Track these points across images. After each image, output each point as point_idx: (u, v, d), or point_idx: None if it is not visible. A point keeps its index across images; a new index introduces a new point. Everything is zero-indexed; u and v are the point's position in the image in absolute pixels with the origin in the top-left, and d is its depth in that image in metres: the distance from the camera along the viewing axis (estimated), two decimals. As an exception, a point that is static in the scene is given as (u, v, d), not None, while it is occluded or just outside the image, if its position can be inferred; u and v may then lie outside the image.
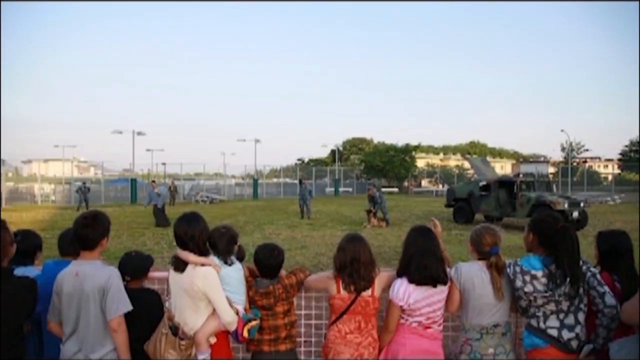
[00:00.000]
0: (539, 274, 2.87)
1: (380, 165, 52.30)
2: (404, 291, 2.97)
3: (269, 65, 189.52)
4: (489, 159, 42.40)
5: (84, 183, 29.32)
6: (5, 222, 2.82)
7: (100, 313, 2.75)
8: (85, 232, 2.81)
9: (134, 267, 3.17)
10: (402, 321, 3.03)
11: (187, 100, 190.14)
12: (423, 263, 2.94)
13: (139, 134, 37.03)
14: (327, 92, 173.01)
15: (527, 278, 2.88)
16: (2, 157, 30.50)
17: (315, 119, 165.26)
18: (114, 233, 13.44)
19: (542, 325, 2.89)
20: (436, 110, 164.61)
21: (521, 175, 19.37)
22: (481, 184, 19.16)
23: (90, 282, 2.73)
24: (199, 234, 3.00)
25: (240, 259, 3.33)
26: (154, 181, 20.25)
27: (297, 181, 47.11)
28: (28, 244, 3.38)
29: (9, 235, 2.78)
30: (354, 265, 3.03)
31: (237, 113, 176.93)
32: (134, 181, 34.84)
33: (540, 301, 2.86)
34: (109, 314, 2.72)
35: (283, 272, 3.30)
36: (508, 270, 2.97)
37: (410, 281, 2.96)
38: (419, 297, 2.95)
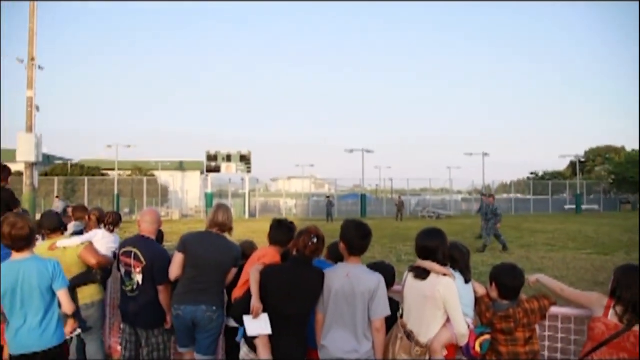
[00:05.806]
0: None
1: (634, 178, 44.47)
2: None
3: (496, 73, 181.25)
4: None
5: (328, 197, 32.52)
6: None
7: (365, 312, 3.04)
8: (362, 243, 3.19)
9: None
10: None
11: (412, 116, 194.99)
12: None
13: (368, 152, 39.06)
14: (564, 94, 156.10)
15: None
16: (255, 176, 35.93)
17: (551, 127, 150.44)
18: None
19: None
20: None
21: None
22: None
23: (363, 284, 3.04)
24: (443, 247, 3.13)
25: None
26: (57, 196, 21.82)
27: (530, 197, 43.60)
28: None
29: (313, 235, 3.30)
30: None
31: (463, 125, 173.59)
32: (363, 197, 37.01)
33: None
34: (374, 314, 3.02)
35: (523, 296, 3.06)
36: None
37: None
38: None
